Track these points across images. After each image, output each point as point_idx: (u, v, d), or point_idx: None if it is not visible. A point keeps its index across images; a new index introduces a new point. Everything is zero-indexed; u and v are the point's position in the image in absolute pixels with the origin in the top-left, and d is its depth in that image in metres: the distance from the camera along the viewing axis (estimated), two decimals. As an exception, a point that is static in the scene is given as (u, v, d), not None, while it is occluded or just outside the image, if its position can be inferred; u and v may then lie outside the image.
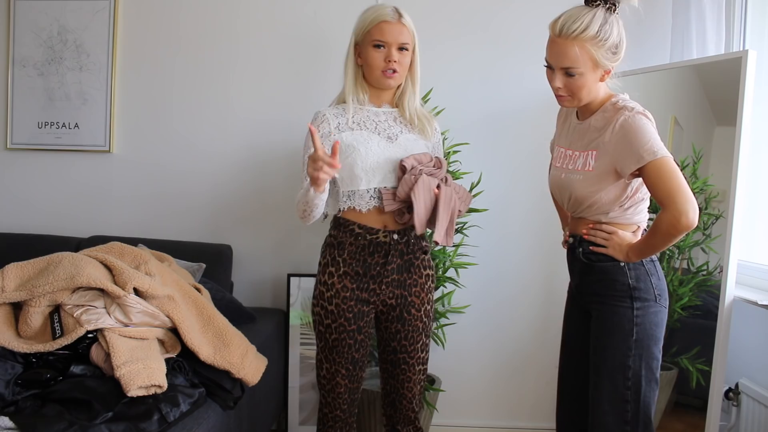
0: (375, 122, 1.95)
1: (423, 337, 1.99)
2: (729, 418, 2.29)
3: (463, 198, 1.95)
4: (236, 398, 1.99)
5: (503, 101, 2.87)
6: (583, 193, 1.69)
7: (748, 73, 2.04)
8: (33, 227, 2.99)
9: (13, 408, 1.67)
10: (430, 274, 2.00)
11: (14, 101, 2.99)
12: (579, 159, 1.72)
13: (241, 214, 2.94)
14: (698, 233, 2.30)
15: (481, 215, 2.71)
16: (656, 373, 1.69)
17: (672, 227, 1.54)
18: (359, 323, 1.92)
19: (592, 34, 1.57)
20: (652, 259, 1.71)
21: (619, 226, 1.71)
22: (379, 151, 1.89)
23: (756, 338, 2.24)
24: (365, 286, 1.91)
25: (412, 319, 1.96)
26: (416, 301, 1.96)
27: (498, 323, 2.94)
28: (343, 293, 1.90)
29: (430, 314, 2.02)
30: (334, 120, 1.93)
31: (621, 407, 1.66)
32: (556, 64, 1.64)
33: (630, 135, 1.59)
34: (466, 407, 2.94)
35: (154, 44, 2.95)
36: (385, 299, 1.94)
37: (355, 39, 1.95)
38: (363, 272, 1.90)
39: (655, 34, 2.77)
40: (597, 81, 1.66)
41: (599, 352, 1.70)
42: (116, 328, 1.85)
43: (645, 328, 1.66)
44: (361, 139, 1.90)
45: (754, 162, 2.27)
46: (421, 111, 2.02)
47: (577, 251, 1.77)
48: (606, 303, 1.70)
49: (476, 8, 2.87)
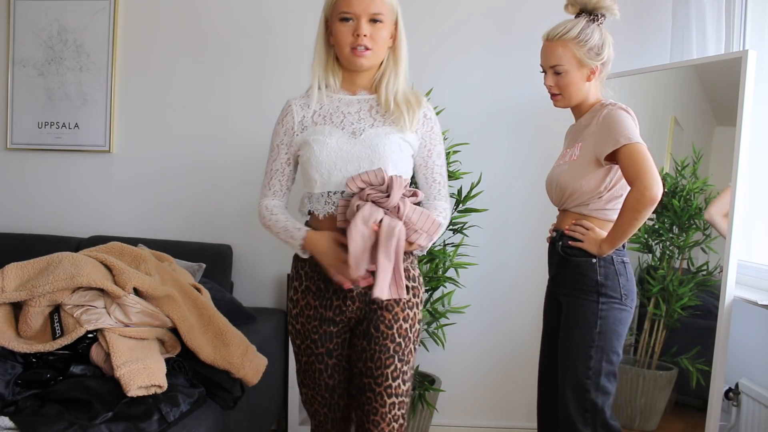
0: (343, 114, 1.64)
1: (396, 361, 1.60)
2: (729, 418, 2.29)
3: (424, 226, 1.56)
4: (236, 398, 1.99)
5: (503, 101, 2.87)
6: (566, 179, 1.83)
7: (748, 73, 2.04)
8: (33, 227, 2.99)
9: (13, 408, 1.67)
10: (410, 287, 1.65)
11: (14, 101, 2.99)
12: (568, 154, 1.89)
13: (241, 214, 2.94)
14: (698, 233, 2.30)
15: (481, 215, 2.71)
16: (615, 368, 1.79)
17: (637, 202, 1.65)
18: (327, 345, 1.66)
19: (572, 35, 1.80)
20: (623, 261, 1.81)
21: (597, 222, 1.83)
22: (336, 149, 1.59)
23: (756, 338, 2.24)
24: (329, 303, 1.64)
25: (380, 337, 1.60)
26: (387, 315, 1.61)
27: (497, 323, 2.94)
28: (307, 311, 1.66)
29: (410, 335, 1.63)
30: (300, 113, 1.67)
31: (581, 396, 1.77)
32: (545, 64, 1.86)
33: (610, 123, 1.75)
34: (466, 407, 2.94)
35: (154, 44, 2.95)
36: (353, 316, 1.65)
37: (325, 14, 1.66)
38: (325, 287, 1.64)
39: (655, 34, 2.77)
40: (584, 80, 1.84)
41: (565, 342, 1.83)
42: (116, 328, 1.85)
43: (608, 323, 1.77)
44: (320, 134, 1.61)
45: (754, 162, 2.27)
46: (404, 96, 1.66)
47: (557, 244, 1.89)
48: (574, 296, 1.82)
49: (476, 8, 2.87)
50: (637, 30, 2.79)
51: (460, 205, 2.67)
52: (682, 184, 2.36)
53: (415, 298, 1.65)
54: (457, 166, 2.72)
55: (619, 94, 1.94)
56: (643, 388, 2.42)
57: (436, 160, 1.72)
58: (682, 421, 2.32)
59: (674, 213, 2.35)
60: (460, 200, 2.66)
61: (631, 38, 2.77)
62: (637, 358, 2.48)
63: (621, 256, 1.81)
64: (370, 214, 1.49)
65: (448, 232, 2.74)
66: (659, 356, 2.40)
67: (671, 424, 2.35)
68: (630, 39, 2.76)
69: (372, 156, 1.58)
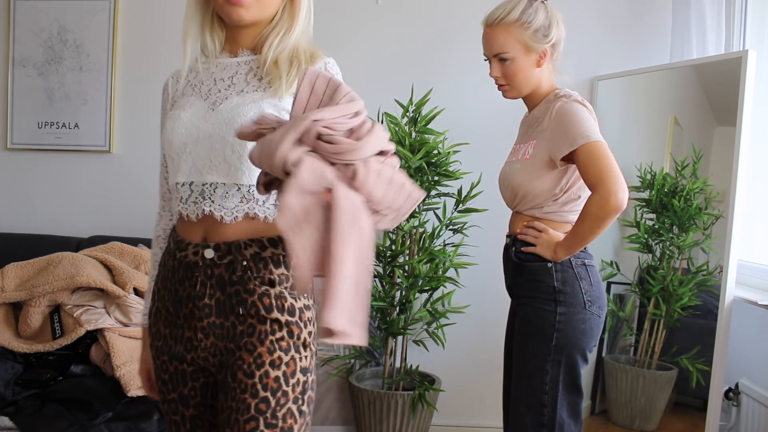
0: (215, 81, 1.24)
1: (261, 426, 1.09)
2: (729, 418, 2.29)
3: (394, 203, 1.00)
4: (236, 398, 1.98)
5: (503, 101, 2.86)
6: (518, 181, 1.66)
7: (748, 73, 2.04)
8: (33, 227, 2.99)
9: (13, 408, 1.67)
10: (284, 322, 1.13)
11: (14, 101, 2.99)
12: (521, 150, 1.72)
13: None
14: (698, 233, 2.30)
15: (481, 215, 2.71)
16: (578, 380, 1.62)
17: (601, 209, 1.49)
18: (181, 390, 1.19)
19: (514, 18, 1.63)
20: (584, 263, 1.64)
21: (553, 224, 1.65)
22: (188, 125, 1.19)
23: (756, 338, 2.24)
24: (179, 334, 1.18)
25: (238, 390, 1.10)
26: (247, 359, 1.11)
27: (498, 323, 2.93)
28: (156, 342, 1.22)
29: (286, 388, 1.11)
30: (173, 87, 1.31)
31: (538, 410, 1.61)
32: (488, 52, 1.69)
33: (565, 120, 1.57)
34: (466, 407, 2.94)
35: (153, 44, 2.95)
36: (207, 356, 1.16)
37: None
38: (174, 310, 1.19)
39: (655, 34, 2.77)
40: (533, 66, 1.66)
41: (519, 354, 1.67)
42: (116, 328, 1.85)
43: (566, 334, 1.59)
44: (180, 108, 1.23)
45: (754, 162, 2.27)
46: (290, 53, 1.21)
47: (510, 250, 1.73)
48: (529, 305, 1.65)
49: (476, 8, 2.87)
50: (637, 30, 2.79)
51: (460, 205, 2.67)
52: (682, 184, 2.36)
53: (291, 338, 1.13)
54: (457, 166, 2.72)
55: (619, 94, 1.92)
56: (643, 388, 2.42)
57: None
58: (682, 421, 2.32)
59: (674, 213, 2.35)
60: (460, 200, 2.66)
61: (631, 38, 2.77)
62: (637, 358, 2.48)
63: (582, 259, 1.63)
64: (315, 175, 0.90)
65: (448, 232, 2.74)
66: (659, 356, 2.40)
67: (671, 424, 2.35)
68: (630, 39, 2.76)
69: (226, 133, 1.15)
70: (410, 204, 1.01)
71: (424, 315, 2.65)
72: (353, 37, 2.86)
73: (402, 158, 2.50)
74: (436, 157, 2.57)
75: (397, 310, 2.60)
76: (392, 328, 2.56)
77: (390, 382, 2.62)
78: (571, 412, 1.62)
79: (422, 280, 2.58)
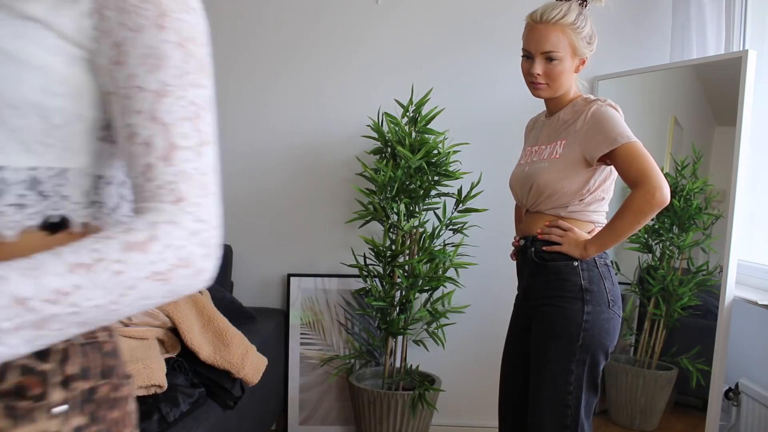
0: None
1: None
2: (729, 418, 2.29)
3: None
4: (236, 398, 1.99)
5: (503, 101, 2.87)
6: (547, 179, 1.66)
7: (748, 73, 2.04)
8: (33, 227, 2.99)
9: (13, 408, 1.67)
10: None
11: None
12: (545, 150, 1.72)
13: (241, 214, 2.93)
14: (698, 233, 2.30)
15: (481, 215, 2.71)
16: (598, 380, 1.64)
17: (646, 203, 1.53)
18: None
19: (570, 20, 1.64)
20: (606, 263, 1.66)
21: (576, 223, 1.66)
22: None
23: (756, 338, 2.24)
24: None
25: None
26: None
27: (498, 323, 2.93)
28: None
29: None
30: None
31: (561, 411, 1.61)
32: (537, 49, 1.67)
33: (602, 121, 1.61)
34: (466, 407, 2.94)
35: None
36: None
37: None
38: None
39: (655, 34, 2.77)
40: (572, 71, 1.69)
41: (542, 355, 1.65)
42: (116, 328, 1.85)
43: (593, 334, 1.59)
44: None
45: (754, 162, 2.27)
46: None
47: (528, 252, 1.71)
48: (554, 305, 1.63)
49: (476, 8, 2.87)
50: (637, 30, 2.79)
51: (460, 205, 2.67)
52: (682, 184, 2.36)
53: None
54: (457, 166, 2.72)
55: (619, 94, 1.94)
56: (643, 388, 2.42)
57: (155, 73, 0.67)
58: (682, 421, 2.32)
59: (674, 213, 2.35)
60: (460, 200, 2.66)
61: (631, 38, 2.77)
62: (637, 358, 2.49)
63: (604, 259, 1.65)
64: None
65: (448, 232, 2.73)
66: (659, 356, 2.40)
67: (671, 424, 2.35)
68: (630, 39, 2.76)
69: None
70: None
71: (424, 315, 2.65)
72: (353, 37, 2.86)
73: (402, 158, 2.50)
74: (436, 157, 2.57)
75: (397, 310, 2.61)
76: (392, 328, 2.56)
77: (390, 382, 2.62)
78: (587, 412, 1.63)
79: (422, 280, 2.58)
